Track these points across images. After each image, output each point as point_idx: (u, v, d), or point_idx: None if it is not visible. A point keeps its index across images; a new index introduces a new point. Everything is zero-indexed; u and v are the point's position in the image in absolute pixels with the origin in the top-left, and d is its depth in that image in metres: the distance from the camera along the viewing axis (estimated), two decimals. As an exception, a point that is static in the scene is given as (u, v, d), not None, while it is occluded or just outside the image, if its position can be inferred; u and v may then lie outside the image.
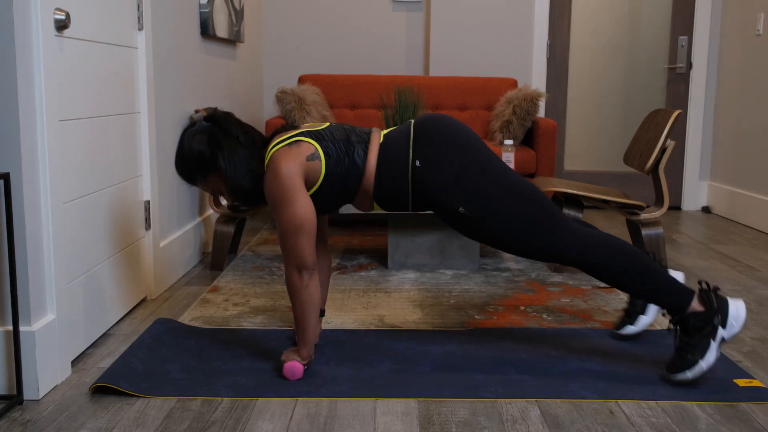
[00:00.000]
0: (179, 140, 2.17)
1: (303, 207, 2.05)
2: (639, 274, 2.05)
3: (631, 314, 2.45)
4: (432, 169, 2.08)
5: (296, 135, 2.12)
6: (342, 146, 2.12)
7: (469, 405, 1.99)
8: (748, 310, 2.87)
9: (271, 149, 2.11)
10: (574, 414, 1.94)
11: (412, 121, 2.19)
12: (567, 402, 2.01)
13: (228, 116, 2.17)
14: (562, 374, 2.18)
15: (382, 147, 2.15)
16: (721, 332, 2.03)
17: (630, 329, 2.43)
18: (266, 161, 2.11)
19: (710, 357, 2.02)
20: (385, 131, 2.22)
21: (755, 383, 2.14)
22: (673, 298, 2.05)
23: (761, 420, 1.92)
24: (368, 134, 2.19)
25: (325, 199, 2.15)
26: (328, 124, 2.21)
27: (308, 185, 2.11)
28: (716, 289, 2.08)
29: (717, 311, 2.03)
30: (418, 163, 2.09)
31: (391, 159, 2.12)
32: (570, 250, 2.06)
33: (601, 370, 2.21)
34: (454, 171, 2.07)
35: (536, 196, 2.09)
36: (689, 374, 2.03)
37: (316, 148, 2.10)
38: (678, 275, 2.48)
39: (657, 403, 2.01)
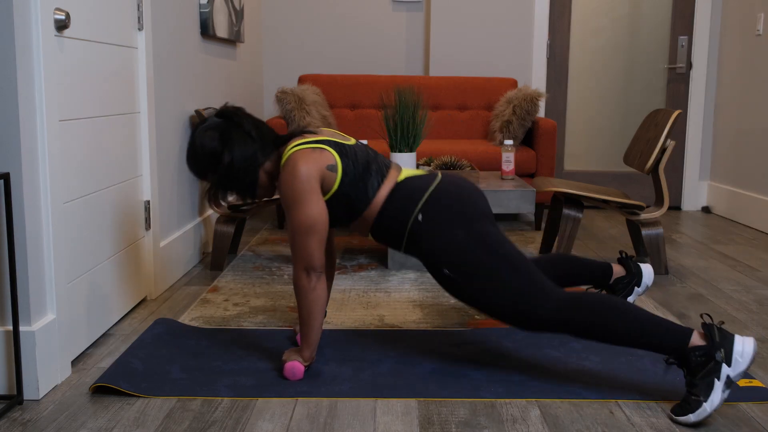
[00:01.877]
0: (191, 136, 2.16)
1: (317, 209, 2.05)
2: (627, 327, 1.93)
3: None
4: (430, 229, 2.08)
5: (321, 142, 2.11)
6: (360, 170, 2.12)
7: (469, 405, 1.99)
8: (749, 310, 2.87)
9: (292, 148, 2.10)
10: (574, 414, 1.94)
11: (440, 176, 2.18)
12: (567, 402, 2.01)
13: (239, 111, 2.16)
14: (562, 374, 2.18)
15: (397, 187, 2.15)
16: (726, 370, 1.85)
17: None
18: (284, 159, 2.09)
19: (715, 398, 1.84)
20: (408, 172, 2.22)
21: (755, 383, 2.14)
22: (669, 339, 1.91)
23: (761, 420, 1.92)
24: (388, 168, 2.19)
25: (330, 213, 2.14)
26: (353, 141, 2.20)
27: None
28: (720, 323, 1.95)
29: (720, 346, 1.86)
30: (420, 217, 2.09)
31: (400, 202, 2.12)
32: (552, 315, 1.99)
33: (601, 370, 2.21)
34: (449, 237, 2.07)
35: (526, 270, 2.04)
36: (693, 418, 1.86)
37: (336, 161, 2.09)
38: (646, 268, 2.49)
39: (657, 403, 2.01)
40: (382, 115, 4.92)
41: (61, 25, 2.12)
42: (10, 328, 1.98)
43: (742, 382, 2.14)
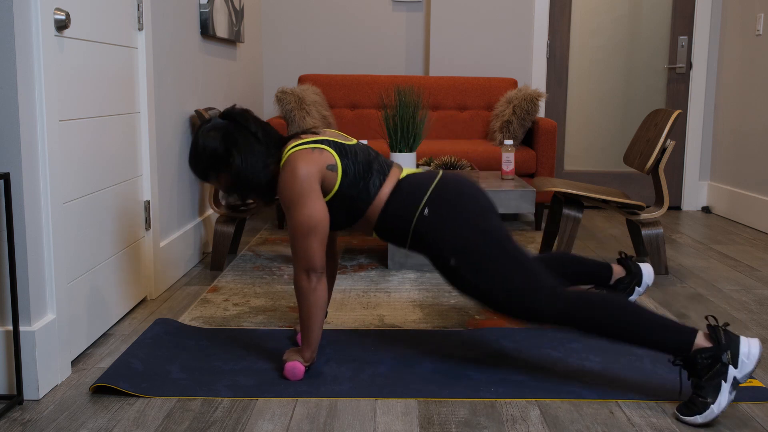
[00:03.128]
0: (193, 136, 2.15)
1: (317, 209, 2.04)
2: (630, 324, 1.94)
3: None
4: (436, 223, 2.09)
5: (321, 142, 2.11)
6: (361, 169, 2.12)
7: (469, 405, 1.99)
8: (749, 310, 2.87)
9: (291, 148, 2.09)
10: (574, 414, 1.94)
11: (441, 172, 2.19)
12: (567, 402, 2.01)
13: (245, 113, 2.15)
14: (562, 374, 2.18)
15: (399, 184, 2.15)
16: (732, 372, 1.86)
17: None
18: (284, 159, 2.09)
19: (722, 400, 1.85)
20: (409, 170, 2.23)
21: (755, 383, 2.14)
22: (673, 338, 1.91)
23: (761, 420, 1.92)
24: (389, 167, 2.20)
25: (331, 214, 2.14)
26: (354, 141, 2.20)
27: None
28: (725, 325, 1.95)
29: (726, 348, 1.87)
30: (426, 212, 2.10)
31: (404, 199, 2.12)
32: (557, 309, 2.00)
33: (601, 370, 2.21)
34: (455, 229, 2.07)
35: (531, 267, 2.05)
36: (699, 419, 1.87)
37: (336, 161, 2.09)
38: (646, 267, 2.49)
39: (657, 403, 2.01)
40: (382, 115, 4.92)
41: (61, 25, 2.12)
42: (10, 328, 1.98)
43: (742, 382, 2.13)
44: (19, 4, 1.89)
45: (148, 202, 2.90)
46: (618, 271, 2.50)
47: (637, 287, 2.48)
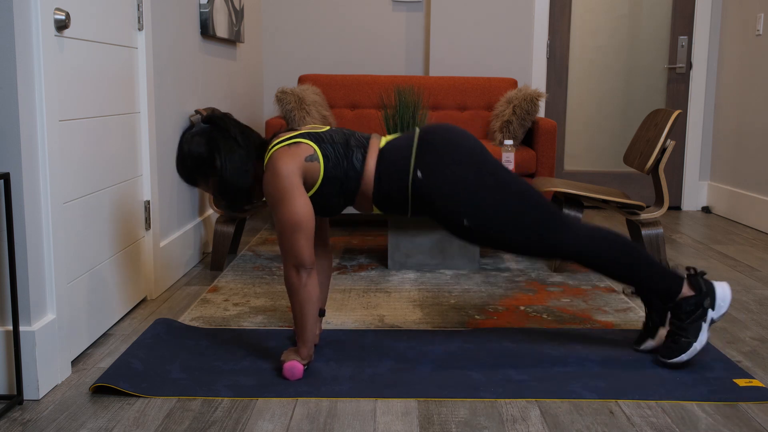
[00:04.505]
0: (179, 143, 2.18)
1: (301, 206, 2.06)
2: (633, 265, 2.15)
3: (649, 329, 2.33)
4: (434, 181, 2.10)
5: (296, 136, 2.14)
6: (341, 149, 2.14)
7: (469, 405, 1.99)
8: (749, 310, 2.87)
9: (270, 149, 2.12)
10: (574, 414, 1.94)
11: (418, 129, 2.20)
12: (567, 402, 2.01)
13: (226, 117, 2.18)
14: (562, 374, 2.18)
15: (383, 152, 2.16)
16: (710, 314, 2.17)
17: (650, 344, 2.32)
18: (266, 161, 2.12)
19: (703, 338, 2.15)
20: (388, 137, 2.24)
21: (755, 383, 2.14)
22: (665, 285, 2.17)
23: (761, 420, 1.92)
24: (367, 139, 2.21)
25: (326, 200, 2.15)
26: (328, 127, 2.22)
27: (307, 186, 2.12)
28: (703, 273, 2.21)
29: (707, 294, 2.16)
30: (419, 173, 2.11)
31: (392, 166, 2.13)
32: (571, 247, 2.14)
33: (601, 370, 2.21)
34: (457, 184, 2.09)
35: (538, 200, 2.13)
36: (684, 357, 2.15)
37: (314, 149, 2.11)
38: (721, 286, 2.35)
39: (657, 403, 2.01)
40: (382, 115, 4.92)
41: (61, 25, 2.12)
42: (10, 328, 1.98)
43: (742, 382, 2.14)
44: (19, 4, 1.89)
45: (148, 202, 2.90)
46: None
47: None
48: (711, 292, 2.18)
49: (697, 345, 2.15)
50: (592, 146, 5.30)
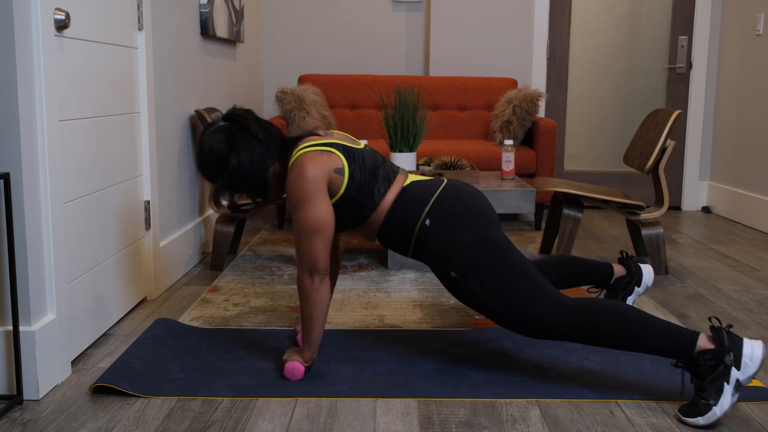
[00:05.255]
0: (199, 140, 2.17)
1: (323, 210, 2.05)
2: (633, 331, 1.94)
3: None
4: (438, 234, 2.09)
5: (329, 144, 2.12)
6: (367, 175, 2.13)
7: (469, 405, 1.99)
8: (749, 310, 2.87)
9: (300, 149, 2.10)
10: (574, 414, 1.94)
11: (445, 181, 2.19)
12: (567, 402, 2.01)
13: (247, 113, 2.16)
14: (562, 374, 2.18)
15: (403, 192, 2.16)
16: (735, 374, 1.85)
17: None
18: (292, 160, 2.10)
19: (725, 402, 1.84)
20: (414, 177, 2.23)
21: (755, 383, 2.14)
22: (676, 343, 1.91)
23: (761, 420, 1.92)
24: (395, 173, 2.20)
25: (336, 217, 2.15)
26: (363, 145, 2.21)
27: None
28: (729, 326, 1.92)
29: (729, 350, 1.86)
30: (427, 222, 2.10)
31: (407, 207, 2.13)
32: (560, 321, 1.99)
33: (601, 370, 2.21)
34: (457, 240, 2.07)
35: (532, 274, 2.05)
36: (702, 421, 1.86)
37: (344, 164, 2.10)
38: (646, 268, 2.48)
39: (657, 403, 2.01)
40: (382, 115, 4.92)
41: (61, 25, 2.12)
42: (10, 328, 1.98)
43: (742, 382, 2.13)
44: (19, 4, 1.89)
45: (148, 202, 2.90)
46: (618, 270, 2.50)
47: (636, 287, 2.48)
48: (736, 348, 1.86)
49: (717, 410, 1.84)
50: (592, 146, 5.30)
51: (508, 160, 3.74)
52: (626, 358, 2.30)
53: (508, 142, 3.71)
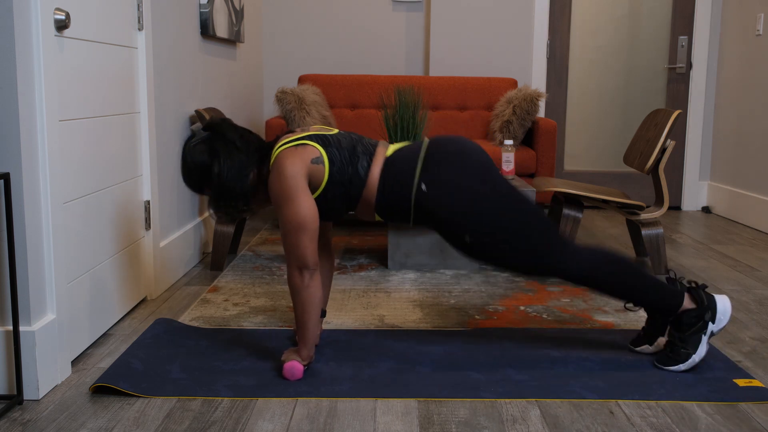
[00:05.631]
0: (182, 153, 2.19)
1: (305, 207, 2.06)
2: (633, 283, 2.16)
3: (648, 335, 2.33)
4: (438, 195, 2.09)
5: (303, 138, 2.13)
6: (347, 154, 2.13)
7: (469, 405, 1.99)
8: (749, 310, 2.87)
9: (277, 149, 2.12)
10: (574, 414, 1.94)
11: (426, 140, 2.19)
12: (567, 402, 2.01)
13: (224, 122, 2.18)
14: (562, 374, 2.18)
15: (388, 161, 2.16)
16: (710, 327, 2.18)
17: (648, 349, 2.33)
18: (271, 162, 2.12)
19: (702, 350, 2.17)
20: (395, 146, 2.23)
21: (755, 383, 2.14)
22: (668, 300, 2.18)
23: (761, 420, 1.92)
24: (374, 146, 2.20)
25: (328, 204, 2.15)
26: (336, 131, 2.22)
27: (311, 189, 2.12)
28: (704, 286, 2.22)
29: (708, 308, 2.17)
30: (423, 187, 2.10)
31: (396, 176, 2.13)
32: (571, 268, 2.14)
33: (601, 370, 2.21)
34: (460, 200, 2.08)
35: (541, 220, 2.12)
36: (683, 367, 2.18)
37: (321, 152, 2.11)
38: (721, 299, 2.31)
39: (657, 403, 2.01)
40: (382, 115, 4.92)
41: (61, 25, 2.12)
42: (10, 328, 1.98)
43: (742, 382, 2.14)
44: (19, 4, 1.89)
45: (148, 202, 2.90)
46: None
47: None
48: (712, 306, 2.18)
49: (696, 357, 2.17)
50: (592, 146, 5.30)
51: (508, 160, 3.74)
52: (626, 358, 2.30)
53: (508, 142, 3.71)
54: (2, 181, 1.91)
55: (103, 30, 2.48)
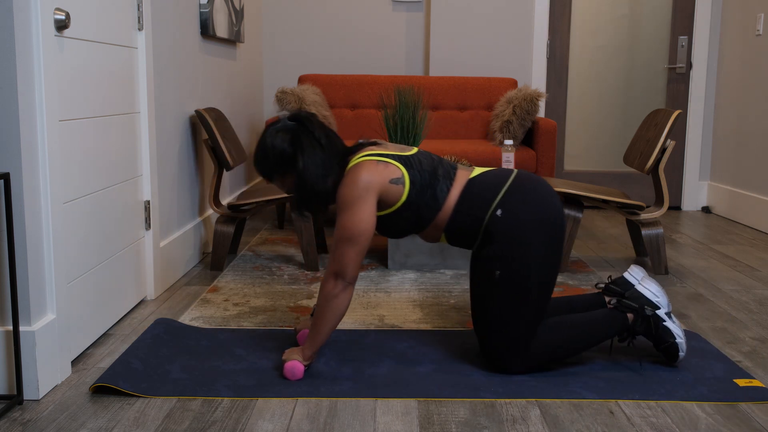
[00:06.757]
0: (261, 136, 2.15)
1: (366, 220, 2.05)
2: (587, 338, 2.18)
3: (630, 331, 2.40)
4: (507, 229, 2.08)
5: (386, 156, 2.13)
6: (427, 177, 2.13)
7: (469, 405, 1.99)
8: (749, 310, 2.87)
9: (358, 158, 2.11)
10: (574, 414, 1.94)
11: (516, 171, 2.19)
12: (567, 402, 2.01)
13: (312, 117, 2.16)
14: (562, 374, 2.18)
15: (468, 186, 2.16)
16: (660, 313, 2.21)
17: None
18: (349, 167, 2.11)
19: (677, 331, 2.20)
20: (477, 171, 2.22)
21: (755, 383, 2.14)
22: (616, 328, 2.20)
23: (761, 420, 1.92)
24: (455, 170, 2.20)
25: (395, 224, 2.16)
26: (415, 149, 2.21)
27: (385, 206, 2.12)
28: (620, 294, 2.26)
29: (642, 306, 2.20)
30: (499, 212, 2.10)
31: (474, 200, 2.12)
32: (519, 371, 2.17)
33: (601, 370, 2.21)
34: (524, 247, 2.07)
35: (536, 320, 2.13)
36: (681, 354, 2.21)
37: (403, 173, 2.11)
38: (636, 270, 2.38)
39: (657, 403, 2.01)
40: (382, 115, 4.92)
41: (61, 25, 2.12)
42: (10, 328, 1.98)
43: (742, 382, 2.14)
44: (19, 4, 1.89)
45: (148, 202, 2.90)
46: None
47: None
48: (641, 299, 2.21)
49: (679, 340, 2.19)
50: (592, 146, 5.30)
51: (508, 160, 3.73)
52: (626, 358, 2.30)
53: (508, 142, 3.71)
54: (2, 181, 1.91)
55: (103, 30, 2.48)
